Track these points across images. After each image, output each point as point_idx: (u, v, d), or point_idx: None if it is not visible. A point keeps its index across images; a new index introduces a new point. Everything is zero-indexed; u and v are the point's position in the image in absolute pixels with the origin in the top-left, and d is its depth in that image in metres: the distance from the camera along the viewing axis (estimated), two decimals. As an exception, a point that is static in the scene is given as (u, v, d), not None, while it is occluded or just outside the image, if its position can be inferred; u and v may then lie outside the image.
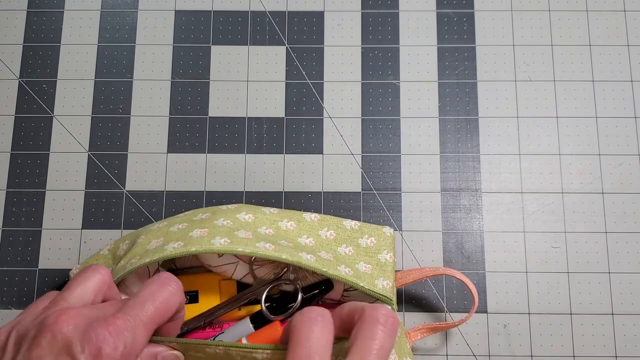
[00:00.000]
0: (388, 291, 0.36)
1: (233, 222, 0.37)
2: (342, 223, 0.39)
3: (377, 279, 0.36)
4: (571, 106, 0.45)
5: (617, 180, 0.44)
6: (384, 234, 0.39)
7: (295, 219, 0.38)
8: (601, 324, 0.42)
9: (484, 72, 0.46)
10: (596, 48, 0.46)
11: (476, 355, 0.41)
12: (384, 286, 0.36)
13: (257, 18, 0.47)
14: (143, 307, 0.26)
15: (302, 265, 0.34)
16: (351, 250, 0.38)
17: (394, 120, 0.45)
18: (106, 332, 0.24)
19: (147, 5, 0.47)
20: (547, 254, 0.43)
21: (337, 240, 0.38)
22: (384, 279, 0.36)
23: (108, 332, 0.24)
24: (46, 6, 0.47)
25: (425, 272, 0.39)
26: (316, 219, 0.39)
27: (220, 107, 0.46)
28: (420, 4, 0.47)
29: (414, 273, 0.39)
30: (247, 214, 0.38)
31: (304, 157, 0.45)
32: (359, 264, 0.37)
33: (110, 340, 0.24)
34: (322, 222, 0.39)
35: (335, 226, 0.38)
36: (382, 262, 0.37)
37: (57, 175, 0.44)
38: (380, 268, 0.37)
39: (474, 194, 0.44)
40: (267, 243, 0.35)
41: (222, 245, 0.34)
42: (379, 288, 0.36)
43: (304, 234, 0.38)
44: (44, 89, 0.46)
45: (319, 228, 0.38)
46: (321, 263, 0.35)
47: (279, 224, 0.38)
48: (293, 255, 0.34)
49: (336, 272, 0.35)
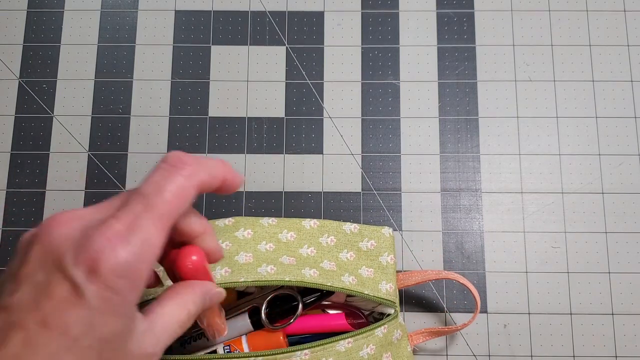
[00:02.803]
0: (391, 294, 0.36)
1: (232, 243, 0.36)
2: (341, 227, 0.39)
3: (380, 283, 0.36)
4: (571, 106, 0.45)
5: (617, 180, 0.44)
6: (383, 235, 0.39)
7: (295, 229, 0.38)
8: (601, 324, 0.42)
9: (484, 72, 0.46)
10: (596, 48, 0.46)
11: (476, 355, 0.41)
12: (387, 290, 0.36)
13: (257, 18, 0.47)
14: (147, 200, 0.21)
15: (305, 285, 0.34)
16: (352, 255, 0.38)
17: (394, 120, 0.45)
18: (103, 239, 0.19)
19: (147, 5, 0.47)
20: (547, 254, 0.43)
21: (338, 246, 0.38)
22: (386, 282, 0.37)
23: (106, 238, 0.19)
24: (46, 6, 0.47)
25: (428, 275, 0.39)
26: (315, 225, 0.39)
27: (220, 107, 0.45)
28: (420, 4, 0.47)
29: (416, 276, 0.39)
30: (245, 229, 0.37)
31: (304, 157, 0.45)
32: (361, 269, 0.37)
33: (109, 249, 0.19)
34: (322, 228, 0.39)
35: (335, 231, 0.38)
36: (384, 265, 0.37)
37: (57, 175, 0.44)
38: (382, 271, 0.37)
39: (474, 194, 0.44)
40: (268, 265, 0.35)
41: (224, 276, 0.34)
42: (382, 293, 0.36)
43: (305, 243, 0.38)
44: (44, 89, 0.46)
45: (319, 235, 0.38)
46: (325, 277, 0.35)
47: (279, 237, 0.38)
48: (296, 274, 0.34)
49: (340, 283, 0.35)
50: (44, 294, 0.19)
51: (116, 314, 0.19)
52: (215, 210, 0.44)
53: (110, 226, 0.20)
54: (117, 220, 0.20)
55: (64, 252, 0.19)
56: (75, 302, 0.19)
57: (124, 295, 0.19)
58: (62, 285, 0.19)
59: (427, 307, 0.42)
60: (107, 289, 0.19)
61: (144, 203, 0.20)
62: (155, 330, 0.22)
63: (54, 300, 0.19)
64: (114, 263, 0.19)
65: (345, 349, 0.34)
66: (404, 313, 0.42)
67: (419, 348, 0.41)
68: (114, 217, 0.20)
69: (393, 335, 0.36)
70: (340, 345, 0.34)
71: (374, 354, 0.35)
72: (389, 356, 0.36)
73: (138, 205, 0.20)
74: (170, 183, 0.21)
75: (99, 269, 0.19)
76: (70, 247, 0.19)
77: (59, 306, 0.19)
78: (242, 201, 0.44)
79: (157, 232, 0.20)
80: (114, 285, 0.19)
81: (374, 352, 0.35)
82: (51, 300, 0.19)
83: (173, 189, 0.21)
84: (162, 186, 0.21)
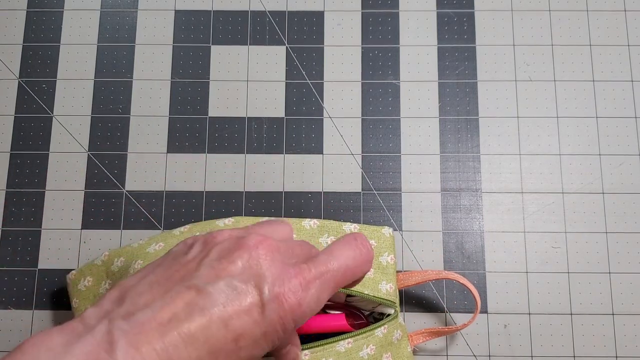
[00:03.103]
0: (392, 294, 0.36)
1: None
2: (341, 227, 0.39)
3: (380, 283, 0.36)
4: (571, 106, 0.45)
5: (617, 180, 0.44)
6: (383, 235, 0.38)
7: (295, 229, 0.38)
8: (601, 324, 0.42)
9: (484, 72, 0.46)
10: (596, 48, 0.46)
11: (476, 355, 0.41)
12: (387, 290, 0.36)
13: (257, 18, 0.47)
14: (333, 265, 0.23)
15: None
16: None
17: (394, 120, 0.45)
18: (297, 282, 0.22)
19: (147, 5, 0.47)
20: (547, 254, 0.43)
21: None
22: (386, 282, 0.37)
23: (299, 282, 0.22)
24: (46, 6, 0.47)
25: (428, 275, 0.39)
26: (315, 225, 0.39)
27: (220, 107, 0.45)
28: (420, 4, 0.47)
29: (416, 276, 0.39)
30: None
31: (304, 157, 0.45)
32: None
33: (299, 292, 0.22)
34: (322, 228, 0.38)
35: (335, 231, 0.38)
36: (384, 265, 0.37)
37: (56, 175, 0.44)
38: (382, 271, 0.37)
39: (474, 194, 0.44)
40: None
41: None
42: (382, 293, 0.36)
43: None
44: (44, 89, 0.46)
45: (319, 235, 0.38)
46: None
47: None
48: None
49: None
50: (235, 297, 0.21)
51: (269, 345, 0.22)
52: (215, 210, 0.43)
53: (305, 273, 0.22)
54: (309, 271, 0.23)
55: (265, 273, 0.22)
56: (256, 318, 0.21)
57: (285, 332, 0.22)
58: (253, 296, 0.21)
59: (427, 307, 0.42)
60: (280, 319, 0.21)
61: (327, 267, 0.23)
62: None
63: (241, 307, 0.21)
64: (295, 304, 0.22)
65: (345, 350, 0.34)
66: (404, 313, 0.42)
67: (419, 348, 0.41)
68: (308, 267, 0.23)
69: (393, 336, 0.36)
70: (340, 345, 0.34)
71: (374, 354, 0.35)
72: (389, 356, 0.36)
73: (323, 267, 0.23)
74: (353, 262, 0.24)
75: (282, 303, 0.21)
76: (270, 273, 0.22)
77: (242, 314, 0.21)
78: (242, 201, 0.44)
79: (328, 294, 0.23)
80: (285, 320, 0.22)
81: (374, 352, 0.35)
82: (239, 305, 0.21)
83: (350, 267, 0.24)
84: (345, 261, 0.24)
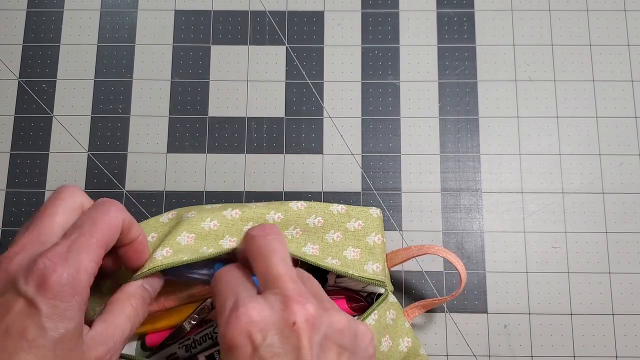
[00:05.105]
0: (379, 274, 0.36)
1: (220, 223, 0.36)
2: (329, 208, 0.38)
3: (366, 264, 0.36)
4: (571, 106, 0.45)
5: (617, 180, 0.44)
6: (371, 215, 0.38)
7: (282, 210, 0.37)
8: (601, 324, 0.42)
9: (484, 72, 0.46)
10: (596, 48, 0.46)
11: (476, 355, 0.41)
12: (374, 270, 0.36)
13: (257, 18, 0.47)
14: (82, 229, 0.27)
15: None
16: (339, 236, 0.37)
17: (394, 120, 0.45)
18: (46, 260, 0.25)
19: (147, 5, 0.47)
20: (547, 254, 0.43)
21: (325, 227, 0.37)
22: (373, 262, 0.36)
23: (47, 259, 0.25)
24: (46, 6, 0.47)
25: (412, 251, 0.38)
26: (303, 207, 0.38)
27: (220, 107, 0.45)
28: (420, 4, 0.47)
29: (402, 253, 0.39)
30: (233, 209, 0.36)
31: (304, 157, 0.45)
32: (347, 250, 0.37)
33: (52, 267, 0.24)
34: (309, 209, 0.38)
35: (323, 212, 0.38)
36: (371, 245, 0.37)
37: (57, 175, 0.44)
38: (369, 251, 0.37)
39: (474, 194, 0.44)
40: None
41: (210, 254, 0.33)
42: (368, 273, 0.36)
43: (291, 225, 0.37)
44: (44, 89, 0.46)
45: (306, 216, 0.37)
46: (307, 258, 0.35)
47: (266, 217, 0.37)
48: None
49: (324, 263, 0.35)
50: (5, 309, 0.24)
51: (64, 318, 0.24)
52: (215, 210, 0.43)
53: (51, 249, 0.25)
54: (57, 244, 0.26)
55: (18, 275, 0.25)
56: (30, 312, 0.24)
57: (68, 301, 0.24)
58: (18, 301, 0.24)
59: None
60: (54, 297, 0.24)
61: (79, 232, 0.26)
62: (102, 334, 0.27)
63: (13, 313, 0.24)
64: (57, 277, 0.24)
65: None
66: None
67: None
68: (55, 244, 0.26)
69: (387, 318, 0.35)
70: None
71: None
72: (387, 339, 0.35)
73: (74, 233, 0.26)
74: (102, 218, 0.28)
75: (46, 282, 0.24)
76: (20, 271, 0.25)
77: (17, 317, 0.24)
78: (242, 201, 0.44)
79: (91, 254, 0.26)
80: (58, 294, 0.24)
81: None
82: (11, 313, 0.24)
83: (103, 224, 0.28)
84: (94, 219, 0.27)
